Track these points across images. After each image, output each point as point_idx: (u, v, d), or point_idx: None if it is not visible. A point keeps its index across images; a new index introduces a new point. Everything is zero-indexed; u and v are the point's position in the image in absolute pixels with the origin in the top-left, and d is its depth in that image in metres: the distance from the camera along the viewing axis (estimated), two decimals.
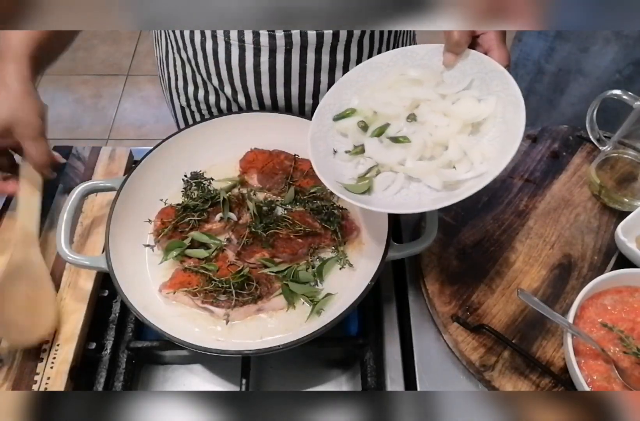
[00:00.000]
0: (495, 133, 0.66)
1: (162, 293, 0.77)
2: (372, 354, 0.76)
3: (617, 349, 0.68)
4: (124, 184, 0.80)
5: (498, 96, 0.66)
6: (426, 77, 0.70)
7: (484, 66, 0.66)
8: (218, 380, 0.80)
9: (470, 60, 0.67)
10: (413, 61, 0.71)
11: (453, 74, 0.69)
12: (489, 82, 0.67)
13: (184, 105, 1.07)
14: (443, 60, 0.68)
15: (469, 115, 0.67)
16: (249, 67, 0.89)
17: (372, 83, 0.73)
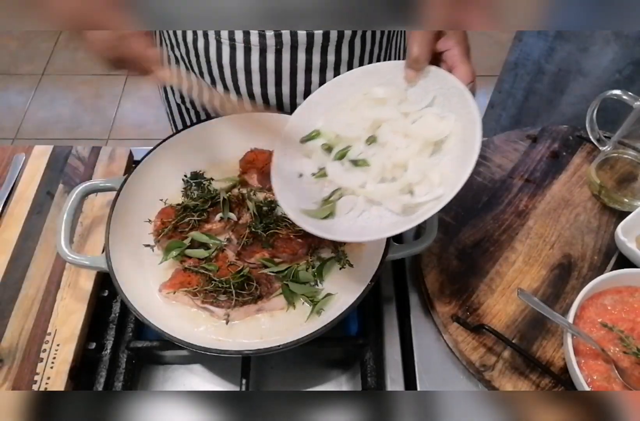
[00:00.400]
0: (456, 152, 0.66)
1: (162, 293, 0.77)
2: (372, 354, 0.76)
3: (617, 349, 0.68)
4: (124, 184, 0.80)
5: (458, 114, 0.66)
6: (390, 95, 0.70)
7: (445, 83, 0.66)
8: (218, 380, 0.80)
9: (432, 76, 0.67)
10: (379, 78, 0.71)
11: (416, 90, 0.69)
12: (450, 99, 0.66)
13: (178, 102, 1.07)
14: (405, 77, 0.68)
15: (430, 133, 0.67)
16: (239, 65, 0.89)
17: (339, 102, 0.73)
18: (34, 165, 0.96)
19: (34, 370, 0.73)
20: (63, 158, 0.97)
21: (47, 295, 0.80)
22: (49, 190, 0.93)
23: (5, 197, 0.91)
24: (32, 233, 0.87)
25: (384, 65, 0.70)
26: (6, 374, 0.73)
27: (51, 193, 0.92)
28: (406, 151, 0.67)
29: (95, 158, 0.97)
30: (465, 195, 0.90)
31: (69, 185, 0.93)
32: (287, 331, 0.74)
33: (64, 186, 0.94)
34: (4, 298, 0.80)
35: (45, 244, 0.86)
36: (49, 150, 0.98)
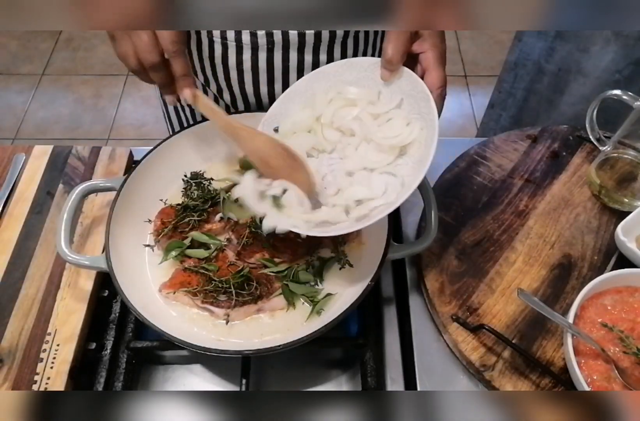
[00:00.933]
0: (418, 157, 0.67)
1: (162, 293, 0.77)
2: (372, 354, 0.76)
3: (617, 349, 0.68)
4: (124, 184, 0.80)
5: (424, 118, 0.67)
6: (361, 96, 0.72)
7: (415, 86, 0.67)
8: (218, 380, 0.80)
9: (404, 78, 0.68)
10: (358, 72, 0.72)
11: (390, 88, 0.70)
12: (418, 102, 0.67)
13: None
14: (380, 75, 0.70)
15: (395, 139, 0.68)
16: (231, 64, 0.89)
17: (314, 95, 0.75)
18: (34, 165, 0.96)
19: (34, 370, 0.73)
20: (63, 158, 0.97)
21: (47, 295, 0.80)
22: (49, 190, 0.93)
23: (5, 197, 0.91)
24: (32, 233, 0.87)
25: (363, 61, 0.71)
26: (6, 374, 0.73)
27: (51, 193, 0.93)
28: (359, 159, 0.71)
29: (95, 158, 0.97)
30: (465, 195, 0.90)
31: (69, 185, 0.93)
32: (287, 331, 0.74)
33: (64, 186, 0.94)
34: (4, 298, 0.80)
35: (45, 244, 0.86)
36: (49, 150, 0.98)
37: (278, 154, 0.72)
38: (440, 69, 0.66)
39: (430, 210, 0.76)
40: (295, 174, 0.72)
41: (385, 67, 0.68)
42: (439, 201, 0.79)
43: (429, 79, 0.66)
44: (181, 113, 1.10)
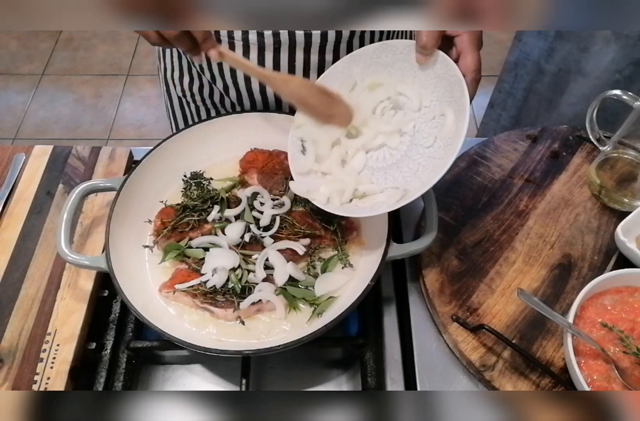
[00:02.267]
0: (449, 141, 0.69)
1: (162, 293, 0.77)
2: (372, 354, 0.76)
3: (617, 349, 0.68)
4: (124, 184, 0.80)
5: (456, 102, 0.67)
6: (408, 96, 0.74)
7: (448, 69, 0.67)
8: (218, 380, 0.80)
9: (439, 61, 0.69)
10: (394, 55, 0.73)
11: (425, 72, 0.71)
12: (452, 86, 0.68)
13: (180, 96, 1.07)
14: (415, 59, 0.70)
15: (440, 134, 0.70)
16: None
17: (355, 74, 0.77)
18: (34, 165, 0.96)
19: (34, 370, 0.73)
20: (63, 158, 0.97)
21: (47, 295, 0.80)
22: (49, 190, 0.93)
23: (5, 197, 0.91)
24: (32, 233, 0.87)
25: (399, 43, 0.72)
26: (6, 374, 0.73)
27: (51, 193, 0.92)
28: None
29: (95, 158, 0.97)
30: (465, 195, 0.90)
31: (69, 185, 0.93)
32: (287, 332, 0.74)
33: (64, 186, 0.93)
34: (4, 298, 0.80)
35: (45, 244, 0.86)
36: (49, 150, 0.98)
37: (314, 93, 0.75)
38: (475, 52, 0.66)
39: (430, 210, 0.76)
40: (334, 108, 0.76)
41: (419, 52, 0.68)
42: (439, 201, 0.79)
43: (463, 62, 0.66)
44: (186, 109, 1.10)
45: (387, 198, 0.72)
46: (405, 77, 0.73)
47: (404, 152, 0.74)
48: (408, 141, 0.74)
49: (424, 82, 0.72)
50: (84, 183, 0.80)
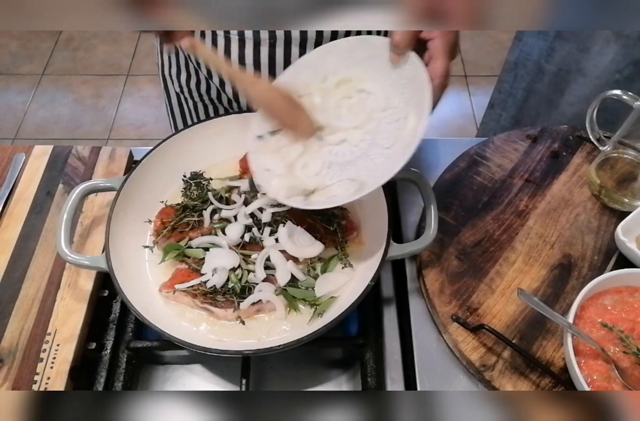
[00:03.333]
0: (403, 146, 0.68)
1: (162, 293, 0.77)
2: (372, 354, 0.76)
3: (617, 349, 0.68)
4: (124, 184, 0.80)
5: (419, 107, 0.66)
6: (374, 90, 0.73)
7: (417, 72, 0.66)
8: (218, 380, 0.80)
9: (410, 63, 0.67)
10: (371, 50, 0.72)
11: (397, 71, 0.70)
12: (419, 90, 0.66)
13: (177, 92, 1.08)
14: (389, 57, 0.69)
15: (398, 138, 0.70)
16: (234, 58, 0.89)
17: (329, 66, 0.75)
18: (34, 165, 0.96)
19: (34, 370, 0.73)
20: (63, 158, 0.97)
21: (47, 295, 0.80)
22: (49, 190, 0.93)
23: (5, 197, 0.91)
24: (32, 233, 0.87)
25: (376, 40, 0.71)
26: (6, 374, 0.73)
27: (51, 193, 0.92)
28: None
29: (95, 158, 0.97)
30: (465, 195, 0.90)
31: (69, 185, 0.93)
32: (287, 332, 0.74)
33: (64, 186, 0.94)
34: (4, 298, 0.80)
35: (45, 244, 0.86)
36: (49, 150, 0.98)
37: (280, 98, 0.74)
38: (445, 58, 0.65)
39: (430, 210, 0.76)
40: (298, 118, 0.74)
41: (392, 51, 0.68)
42: (439, 201, 0.79)
43: (432, 66, 0.65)
44: (184, 105, 1.10)
45: (344, 191, 0.71)
46: (378, 75, 0.72)
47: (364, 150, 0.73)
48: (369, 140, 0.73)
49: (395, 82, 0.70)
50: (84, 183, 0.80)
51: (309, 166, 0.75)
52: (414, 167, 0.79)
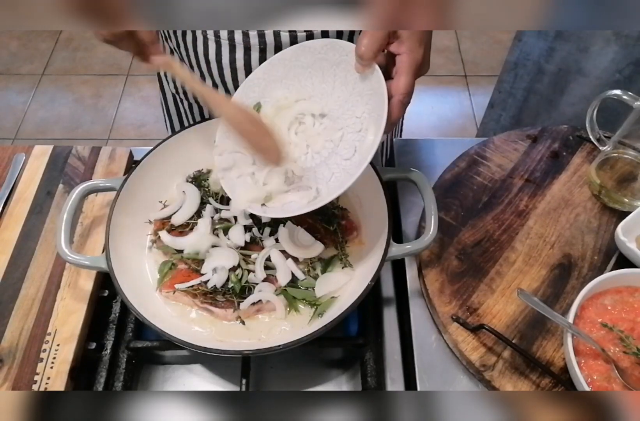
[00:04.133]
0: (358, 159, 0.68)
1: (162, 293, 0.77)
2: (372, 354, 0.76)
3: (617, 349, 0.68)
4: (124, 184, 0.80)
5: (377, 121, 0.65)
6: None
7: (379, 86, 0.65)
8: (218, 380, 0.80)
9: (374, 75, 0.66)
10: (340, 55, 0.70)
11: (363, 82, 0.69)
12: (379, 104, 0.65)
13: (173, 92, 1.08)
14: (354, 66, 0.68)
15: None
16: (225, 62, 0.89)
17: (303, 66, 0.75)
18: (34, 165, 0.96)
19: (34, 370, 0.73)
20: (63, 158, 0.97)
21: (47, 295, 0.80)
22: (49, 190, 0.93)
23: (5, 197, 0.91)
24: (32, 233, 0.87)
25: (346, 45, 0.69)
26: (6, 374, 0.73)
27: (51, 193, 0.93)
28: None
29: (95, 158, 0.97)
30: (465, 195, 0.90)
31: (69, 185, 0.93)
32: (287, 332, 0.74)
33: (64, 186, 0.94)
34: (4, 298, 0.80)
35: (45, 244, 0.86)
36: (49, 150, 0.98)
37: (248, 120, 0.74)
38: (409, 75, 0.64)
39: (430, 210, 0.76)
40: (264, 140, 0.73)
41: (357, 61, 0.66)
42: (439, 201, 0.79)
43: (395, 83, 0.64)
44: (180, 106, 1.10)
45: (299, 199, 0.71)
46: (347, 81, 0.71)
47: (324, 158, 0.72)
48: (331, 148, 0.72)
49: (362, 91, 0.69)
50: (84, 183, 0.80)
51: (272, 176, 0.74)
52: (414, 167, 0.79)
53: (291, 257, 0.78)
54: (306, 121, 0.74)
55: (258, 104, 0.77)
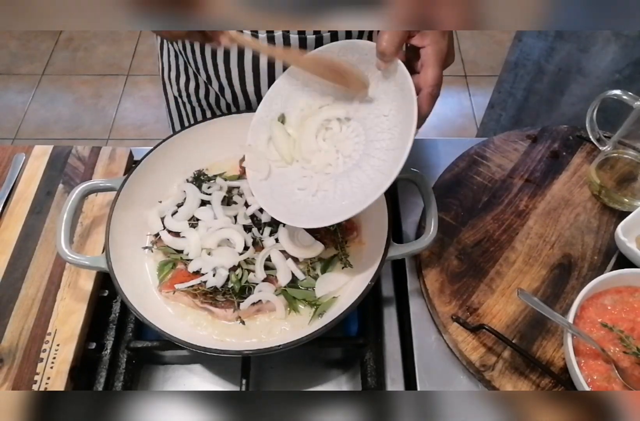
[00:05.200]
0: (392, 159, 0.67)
1: (162, 293, 0.77)
2: (372, 354, 0.76)
3: (617, 349, 0.68)
4: (124, 184, 0.80)
5: (406, 118, 0.65)
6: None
7: (404, 82, 0.65)
8: (218, 380, 0.80)
9: (398, 71, 0.66)
10: (359, 55, 0.70)
11: (386, 79, 0.68)
12: (405, 100, 0.65)
13: (176, 95, 1.08)
14: (375, 64, 0.67)
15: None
16: (233, 64, 0.89)
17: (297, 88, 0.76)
18: (34, 165, 0.96)
19: (34, 370, 0.73)
20: (63, 158, 0.97)
21: (47, 295, 0.80)
22: (49, 190, 0.93)
23: (5, 197, 0.91)
24: (32, 233, 0.87)
25: (365, 44, 0.69)
26: (6, 374, 0.73)
27: (51, 193, 0.92)
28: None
29: (95, 158, 0.97)
30: (465, 195, 0.90)
31: (69, 185, 0.93)
32: (287, 332, 0.74)
33: (64, 186, 0.93)
34: (4, 298, 0.80)
35: (45, 244, 0.86)
36: (49, 150, 0.98)
37: (325, 67, 0.72)
38: (436, 67, 0.64)
39: (430, 210, 0.76)
40: (347, 76, 0.72)
41: (379, 57, 0.65)
42: (439, 201, 0.79)
43: (422, 76, 0.64)
44: (182, 109, 1.10)
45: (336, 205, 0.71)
46: (370, 80, 0.71)
47: (356, 161, 0.72)
48: (361, 150, 0.72)
49: (386, 89, 0.69)
50: (84, 183, 0.80)
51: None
52: (414, 167, 0.79)
53: (291, 257, 0.78)
54: (333, 126, 0.74)
55: (282, 116, 0.77)
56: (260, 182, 0.77)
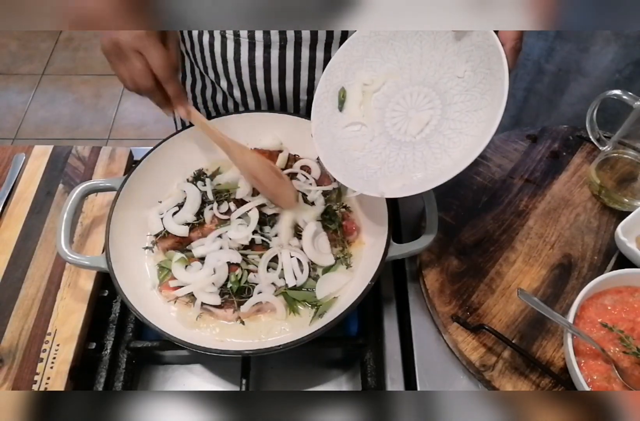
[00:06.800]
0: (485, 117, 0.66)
1: (162, 293, 0.77)
2: (372, 354, 0.76)
3: (617, 349, 0.68)
4: (124, 184, 0.80)
5: (493, 75, 0.63)
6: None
7: (486, 37, 0.63)
8: (218, 380, 0.80)
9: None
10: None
11: (462, 40, 0.67)
12: (489, 56, 0.63)
13: None
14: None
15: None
16: (243, 61, 0.89)
17: (356, 59, 0.75)
18: (34, 165, 0.96)
19: (34, 370, 0.73)
20: (63, 158, 0.97)
21: (47, 295, 0.80)
22: (49, 190, 0.93)
23: (5, 197, 0.91)
24: (32, 233, 0.87)
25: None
26: (6, 374, 0.73)
27: (51, 193, 0.92)
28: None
29: (95, 158, 0.97)
30: (465, 195, 0.90)
31: (69, 185, 0.93)
32: (287, 332, 0.74)
33: (64, 186, 0.93)
34: (4, 298, 0.80)
35: (45, 244, 0.86)
36: (49, 150, 0.98)
37: (264, 169, 0.79)
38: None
39: (430, 210, 0.76)
40: (279, 188, 0.79)
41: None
42: (439, 201, 0.79)
43: (502, 31, 0.63)
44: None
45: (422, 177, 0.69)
46: (437, 44, 0.69)
47: (434, 126, 0.70)
48: (439, 115, 0.70)
49: (458, 50, 0.67)
50: (84, 183, 0.80)
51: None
52: None
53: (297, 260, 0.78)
54: (404, 97, 0.73)
55: (342, 89, 0.76)
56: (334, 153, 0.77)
